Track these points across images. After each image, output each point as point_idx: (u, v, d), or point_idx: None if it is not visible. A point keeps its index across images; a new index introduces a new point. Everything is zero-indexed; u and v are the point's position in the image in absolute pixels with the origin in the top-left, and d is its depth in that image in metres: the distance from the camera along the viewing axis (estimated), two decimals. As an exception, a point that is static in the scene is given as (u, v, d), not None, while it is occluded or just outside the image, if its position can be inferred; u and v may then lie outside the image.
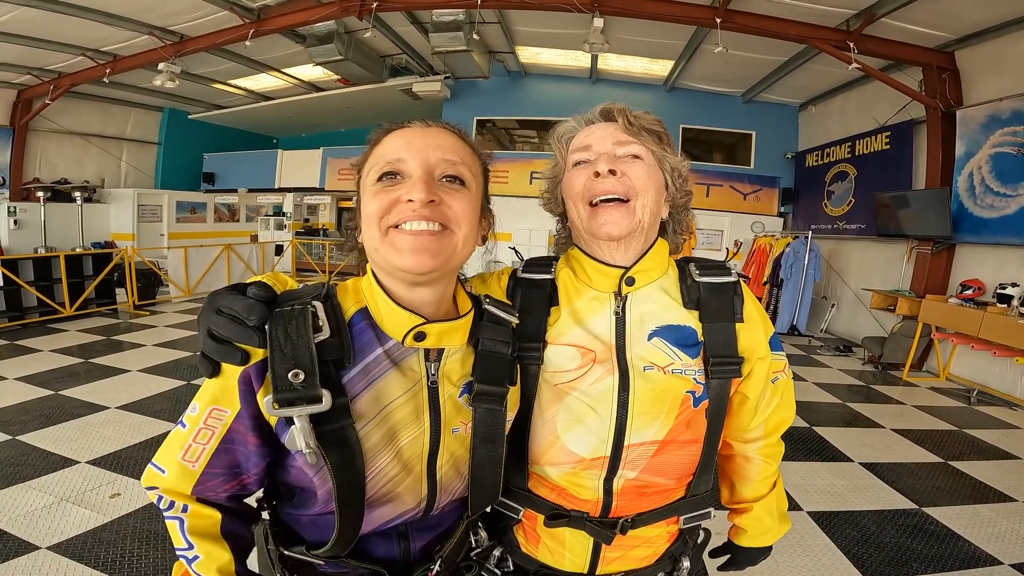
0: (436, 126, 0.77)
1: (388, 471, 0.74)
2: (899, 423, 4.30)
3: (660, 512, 0.90)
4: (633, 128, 0.85)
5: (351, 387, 0.71)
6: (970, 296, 5.42)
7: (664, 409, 0.84)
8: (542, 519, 0.90)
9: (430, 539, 0.85)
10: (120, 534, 2.35)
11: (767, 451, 1.00)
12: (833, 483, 3.18)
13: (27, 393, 4.00)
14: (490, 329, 0.81)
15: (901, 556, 2.47)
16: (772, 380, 0.95)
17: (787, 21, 6.00)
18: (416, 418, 0.75)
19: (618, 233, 0.83)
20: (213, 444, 0.71)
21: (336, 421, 0.68)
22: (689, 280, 0.89)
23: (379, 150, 0.75)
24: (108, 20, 7.01)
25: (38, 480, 2.77)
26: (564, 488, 0.89)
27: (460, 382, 0.79)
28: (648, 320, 0.87)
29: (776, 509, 1.03)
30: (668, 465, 0.87)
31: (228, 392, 0.70)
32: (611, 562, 0.92)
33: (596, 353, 0.85)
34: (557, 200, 0.94)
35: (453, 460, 0.79)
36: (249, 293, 0.67)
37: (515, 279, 0.93)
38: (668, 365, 0.84)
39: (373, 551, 0.81)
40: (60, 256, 6.41)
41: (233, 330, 0.65)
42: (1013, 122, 5.18)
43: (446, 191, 0.72)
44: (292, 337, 0.65)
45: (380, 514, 0.77)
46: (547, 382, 0.86)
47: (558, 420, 0.86)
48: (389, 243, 0.70)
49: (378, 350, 0.74)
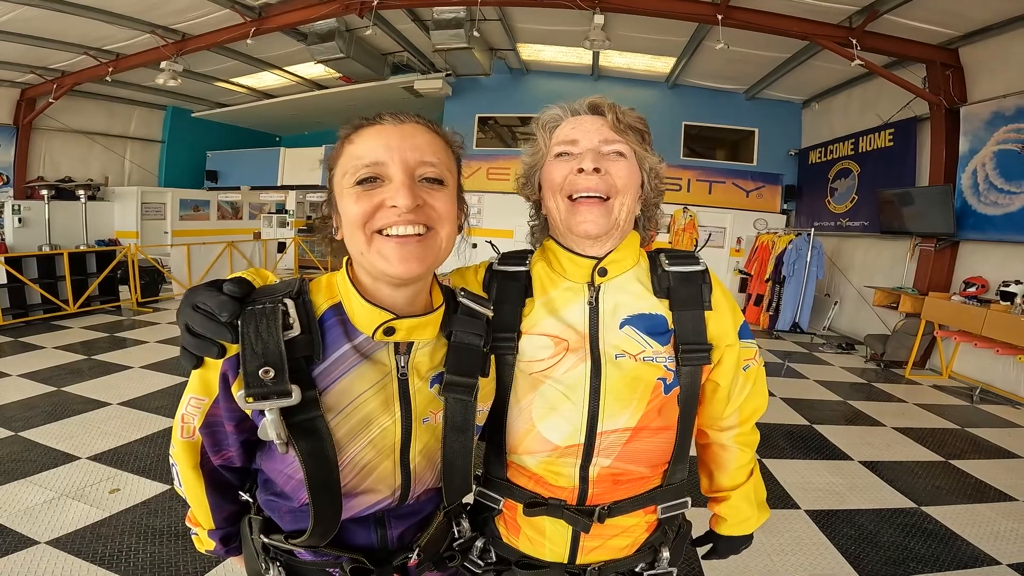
0: (410, 122, 0.76)
1: (361, 460, 0.77)
2: (900, 421, 4.28)
3: (637, 500, 0.91)
4: (620, 125, 0.86)
5: (321, 380, 0.74)
6: (973, 294, 5.39)
7: (636, 396, 0.86)
8: (521, 508, 0.92)
9: (407, 527, 0.88)
10: (119, 529, 2.36)
11: (742, 439, 1.02)
12: (832, 481, 3.17)
13: (30, 390, 4.03)
14: (463, 322, 0.83)
15: (898, 555, 2.46)
16: (743, 368, 0.97)
17: (789, 18, 5.96)
18: (386, 409, 0.77)
19: (596, 232, 0.85)
20: (195, 422, 0.78)
21: (305, 413, 0.71)
22: (660, 270, 0.91)
23: (353, 149, 0.74)
24: (110, 19, 7.04)
25: (39, 476, 2.79)
26: (541, 476, 0.90)
27: (430, 374, 0.81)
28: (620, 309, 0.88)
29: (754, 497, 1.04)
30: (642, 452, 0.88)
31: (207, 383, 0.75)
32: (590, 551, 0.93)
33: (569, 342, 0.87)
34: (534, 187, 0.95)
35: (426, 450, 0.82)
36: (224, 290, 0.70)
37: (491, 272, 0.95)
38: (639, 353, 0.86)
39: (352, 539, 0.83)
40: (64, 254, 6.44)
41: (207, 326, 0.69)
42: (1017, 119, 5.15)
43: (427, 192, 0.73)
44: (263, 335, 0.68)
45: (356, 502, 0.79)
46: (522, 372, 0.88)
47: (533, 408, 0.88)
48: (376, 251, 0.71)
49: (347, 345, 0.76)
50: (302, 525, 0.79)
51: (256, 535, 0.84)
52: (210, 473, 0.83)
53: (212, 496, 0.85)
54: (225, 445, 0.80)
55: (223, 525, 0.88)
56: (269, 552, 0.84)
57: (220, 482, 0.85)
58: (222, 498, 0.87)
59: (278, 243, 10.99)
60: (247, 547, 0.88)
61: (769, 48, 7.15)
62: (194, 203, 11.56)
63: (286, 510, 0.82)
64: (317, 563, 0.84)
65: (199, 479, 0.83)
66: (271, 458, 0.80)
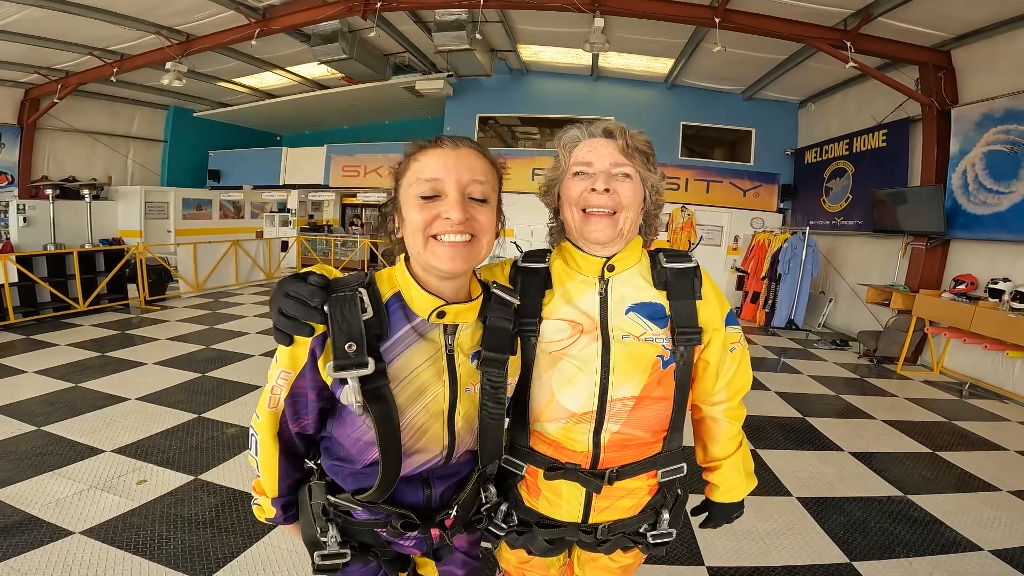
0: (463, 147, 0.92)
1: (417, 423, 0.94)
2: (890, 415, 4.42)
3: (641, 465, 1.08)
4: (629, 149, 1.01)
5: (387, 355, 0.90)
6: (963, 291, 5.53)
7: (639, 370, 1.02)
8: (542, 473, 1.09)
9: (448, 486, 1.05)
10: (149, 518, 2.46)
11: (731, 413, 1.18)
12: (823, 471, 3.30)
13: (48, 386, 4.13)
14: (496, 309, 0.99)
15: (885, 540, 2.58)
16: (730, 349, 1.12)
17: (785, 20, 6.09)
18: (438, 379, 0.94)
19: (604, 239, 1.02)
20: (282, 393, 0.94)
21: (376, 382, 0.87)
22: (659, 266, 1.08)
23: (417, 166, 0.91)
24: (116, 20, 7.14)
25: (66, 468, 2.88)
26: (560, 442, 1.07)
27: (470, 351, 0.98)
28: (626, 298, 1.05)
29: (743, 466, 1.20)
30: (645, 419, 1.05)
31: (295, 358, 0.91)
32: (601, 511, 1.10)
33: (583, 325, 1.04)
34: (554, 196, 1.11)
35: (467, 415, 0.98)
36: (311, 280, 0.86)
37: (516, 268, 1.12)
38: (642, 334, 1.03)
39: (403, 497, 1.00)
40: (74, 252, 6.54)
41: (300, 310, 0.85)
42: (1006, 120, 5.28)
43: (474, 208, 0.90)
44: (347, 317, 0.85)
45: (412, 460, 0.97)
46: (543, 351, 1.05)
47: (553, 381, 1.04)
48: (431, 251, 0.89)
49: (407, 326, 0.93)
50: (363, 485, 0.97)
51: (318, 499, 1.00)
52: (285, 442, 0.99)
53: (283, 464, 1.00)
54: (304, 414, 0.96)
55: (286, 493, 1.03)
56: (328, 514, 1.00)
57: (292, 451, 1.01)
58: (291, 466, 1.02)
59: (281, 242, 11.09)
60: (304, 514, 1.04)
61: (766, 50, 7.28)
62: (196, 202, 11.65)
63: (348, 473, 0.99)
64: (370, 521, 1.01)
65: (275, 447, 0.98)
66: (342, 424, 0.96)
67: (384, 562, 1.08)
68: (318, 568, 1.01)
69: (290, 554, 2.26)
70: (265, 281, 10.17)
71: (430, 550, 1.09)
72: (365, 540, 1.03)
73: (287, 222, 12.78)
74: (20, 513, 2.45)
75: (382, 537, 1.03)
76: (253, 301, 8.22)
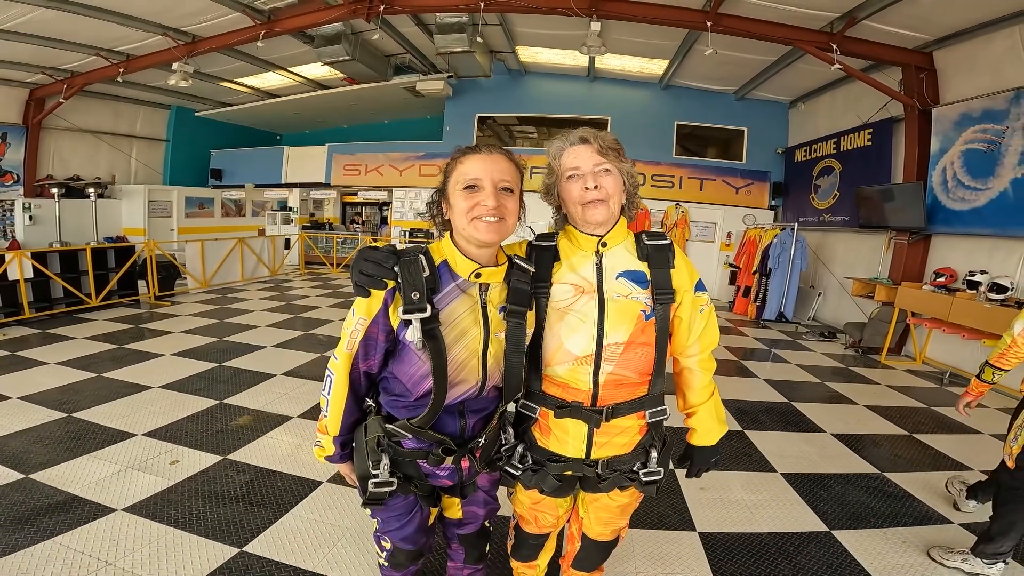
0: (496, 152, 1.23)
1: (459, 358, 1.22)
2: (873, 401, 4.64)
3: (632, 404, 1.36)
4: (603, 150, 1.28)
5: (439, 304, 1.20)
6: (942, 283, 5.77)
7: (627, 321, 1.30)
8: (552, 413, 1.36)
9: (478, 419, 1.34)
10: (185, 495, 2.63)
11: (703, 364, 1.45)
12: (805, 450, 3.53)
13: (71, 376, 4.30)
14: (517, 274, 1.28)
15: (861, 512, 2.78)
16: (700, 310, 1.41)
17: (774, 24, 6.31)
18: (475, 324, 1.24)
19: (601, 220, 1.31)
20: (359, 337, 1.22)
21: (431, 324, 1.16)
22: (642, 243, 1.37)
23: (462, 168, 1.21)
24: (123, 21, 7.25)
25: (101, 451, 3.03)
26: (567, 383, 1.34)
27: (499, 305, 1.28)
28: (616, 267, 1.34)
29: (715, 414, 1.47)
30: (633, 360, 1.33)
31: (371, 308, 1.20)
32: (601, 447, 1.37)
33: (584, 288, 1.32)
34: (555, 197, 1.39)
35: (496, 355, 1.27)
36: (384, 249, 1.21)
37: (531, 245, 1.40)
38: (628, 294, 1.31)
39: (443, 427, 1.30)
40: (87, 249, 6.71)
41: (378, 270, 1.17)
42: (983, 120, 5.52)
43: (503, 197, 1.21)
44: (412, 274, 1.16)
45: (455, 391, 1.25)
46: (553, 307, 1.33)
47: (561, 331, 1.32)
48: (474, 226, 1.19)
49: (452, 284, 1.23)
50: (415, 414, 1.25)
51: (373, 433, 1.28)
52: (353, 381, 1.27)
53: (349, 401, 1.28)
54: (373, 354, 1.24)
55: (345, 432, 1.31)
56: (382, 445, 1.28)
57: (357, 391, 1.29)
58: (355, 404, 1.30)
59: (284, 239, 11.25)
60: (359, 451, 1.31)
61: (756, 52, 7.49)
62: (199, 201, 11.79)
63: (402, 405, 1.28)
64: (416, 450, 1.30)
65: (346, 385, 1.26)
66: (401, 361, 1.24)
67: (421, 497, 1.37)
68: (369, 497, 1.28)
69: (318, 524, 2.45)
70: (269, 277, 10.33)
71: (459, 484, 1.38)
72: (409, 472, 1.32)
73: (289, 220, 12.92)
74: (63, 493, 2.59)
75: (423, 469, 1.32)
76: (260, 296, 8.40)
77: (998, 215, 5.33)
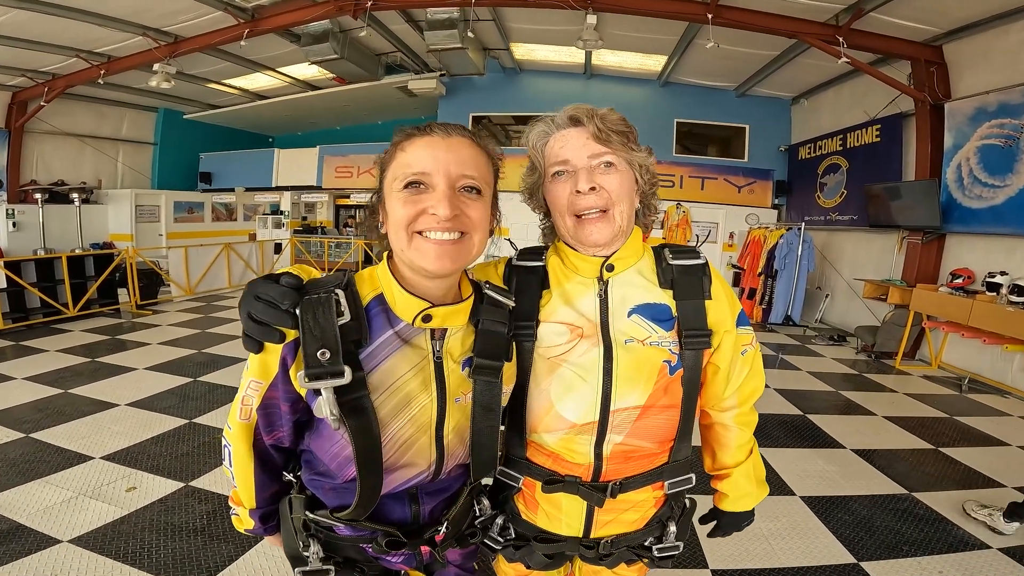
0: (455, 135, 0.83)
1: (401, 436, 0.85)
2: (891, 411, 4.40)
3: (646, 476, 1.00)
4: (603, 134, 0.91)
5: (367, 363, 0.81)
6: (960, 285, 5.52)
7: (644, 377, 0.94)
8: (540, 486, 1.00)
9: (437, 503, 0.97)
10: (139, 526, 2.41)
11: (742, 419, 1.10)
12: (825, 469, 3.27)
13: (37, 392, 4.06)
14: (489, 311, 0.91)
15: (892, 539, 2.54)
16: (741, 352, 1.05)
17: (777, 16, 6.08)
18: (424, 389, 0.85)
19: (603, 241, 0.95)
20: (254, 404, 0.86)
21: (355, 392, 0.78)
22: (664, 263, 0.99)
23: (404, 157, 0.82)
24: (102, 22, 7.03)
25: (54, 476, 2.83)
26: (559, 454, 0.99)
27: (461, 357, 0.89)
28: (628, 300, 0.97)
29: (754, 474, 1.13)
30: (650, 429, 0.97)
31: (266, 366, 0.83)
32: (604, 525, 1.02)
33: (583, 329, 0.96)
34: (539, 201, 1.03)
35: (457, 428, 0.90)
36: (282, 282, 0.78)
37: (510, 266, 1.04)
38: (646, 338, 0.94)
39: (388, 514, 0.92)
40: (63, 257, 6.45)
41: (270, 314, 0.77)
42: (1000, 115, 5.28)
43: (464, 202, 0.81)
44: (320, 321, 0.76)
45: (396, 477, 0.88)
46: (541, 356, 0.96)
47: (552, 390, 0.96)
48: (415, 248, 0.80)
49: (390, 331, 0.84)
50: (344, 501, 0.87)
51: (298, 513, 0.92)
52: (260, 453, 0.91)
53: (259, 475, 0.92)
54: (278, 425, 0.88)
55: (264, 504, 0.96)
56: (310, 529, 0.92)
57: (268, 462, 0.93)
58: (268, 477, 0.94)
59: (275, 244, 10.99)
60: (286, 527, 0.96)
61: (759, 46, 7.26)
62: (188, 205, 11.54)
63: (329, 488, 0.91)
64: (354, 538, 0.93)
65: (250, 459, 0.90)
66: (319, 436, 0.88)
67: None
68: None
69: (284, 563, 2.19)
70: (258, 284, 10.03)
71: (420, 565, 1.02)
72: (350, 555, 0.96)
73: (280, 224, 12.67)
74: (7, 521, 2.41)
75: (368, 553, 0.96)
76: (246, 304, 8.10)
77: (1018, 213, 5.08)
